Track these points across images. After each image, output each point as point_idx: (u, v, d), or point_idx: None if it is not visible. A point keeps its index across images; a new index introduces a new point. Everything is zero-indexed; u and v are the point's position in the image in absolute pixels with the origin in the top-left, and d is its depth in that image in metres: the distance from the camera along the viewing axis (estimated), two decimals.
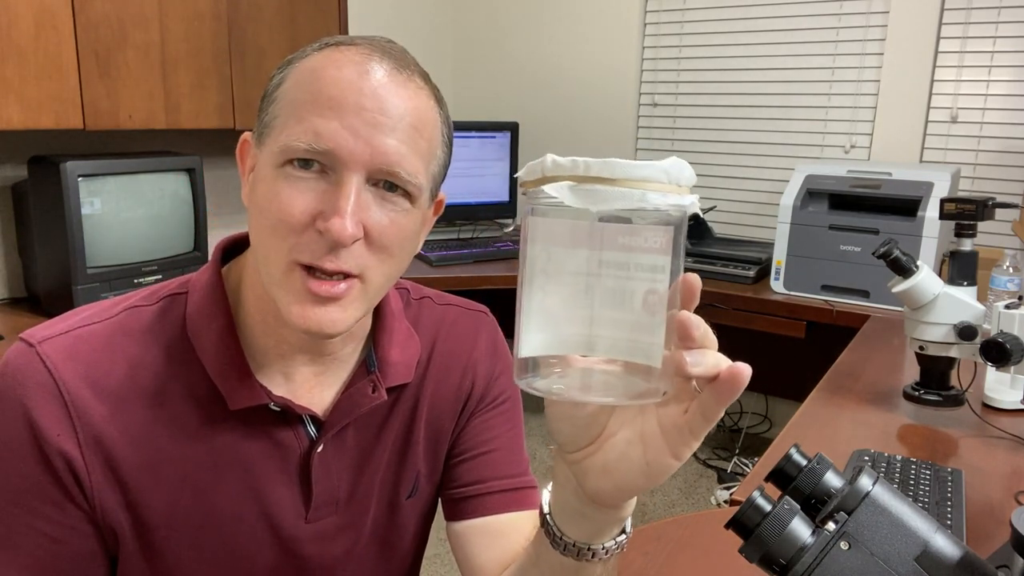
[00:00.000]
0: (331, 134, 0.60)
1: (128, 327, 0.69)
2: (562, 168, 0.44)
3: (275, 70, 0.67)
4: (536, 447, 3.12)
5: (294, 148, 0.61)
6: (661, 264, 0.44)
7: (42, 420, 0.64)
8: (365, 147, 0.61)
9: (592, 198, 0.43)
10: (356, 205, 0.61)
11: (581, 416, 0.51)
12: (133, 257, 2.08)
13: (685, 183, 0.44)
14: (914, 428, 1.40)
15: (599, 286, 0.44)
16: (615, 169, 0.43)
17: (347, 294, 0.63)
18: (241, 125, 2.38)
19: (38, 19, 1.88)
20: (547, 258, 0.45)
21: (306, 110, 0.61)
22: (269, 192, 0.62)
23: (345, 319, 0.64)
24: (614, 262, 0.44)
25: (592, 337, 0.44)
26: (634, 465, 0.50)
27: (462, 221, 3.18)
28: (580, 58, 3.38)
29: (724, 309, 2.55)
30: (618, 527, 0.59)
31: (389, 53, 0.65)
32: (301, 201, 0.61)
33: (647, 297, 0.44)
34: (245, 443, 0.70)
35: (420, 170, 0.64)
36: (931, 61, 2.68)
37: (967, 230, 1.40)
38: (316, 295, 0.62)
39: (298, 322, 0.62)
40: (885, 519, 0.49)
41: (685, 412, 0.48)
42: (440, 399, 0.81)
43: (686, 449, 0.49)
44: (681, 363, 0.44)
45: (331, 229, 0.59)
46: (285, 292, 0.63)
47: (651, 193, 0.43)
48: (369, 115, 0.61)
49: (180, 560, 0.70)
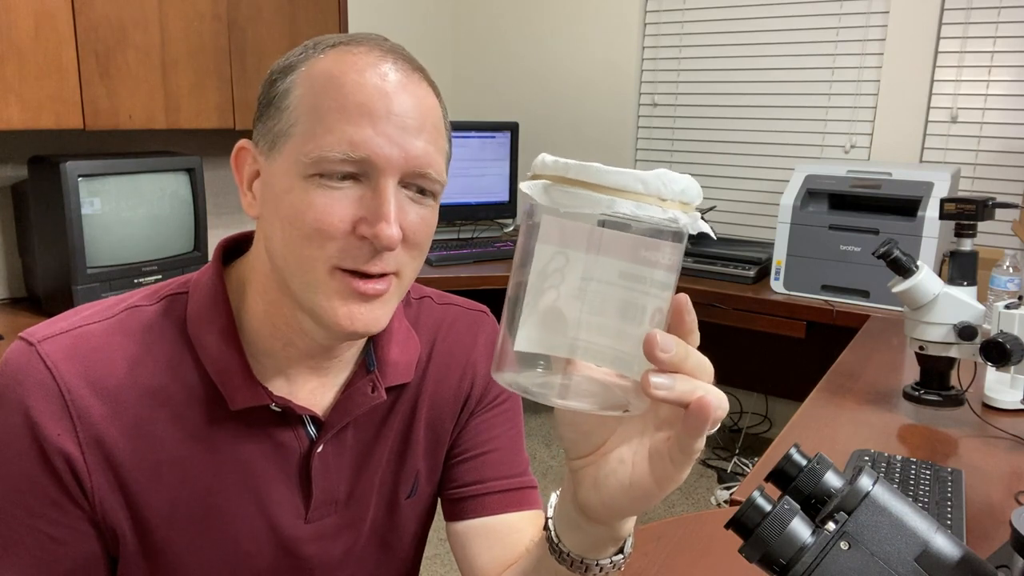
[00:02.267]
0: (366, 142, 0.60)
1: (128, 327, 0.69)
2: (547, 167, 0.45)
3: (272, 74, 0.66)
4: (536, 447, 3.12)
5: (330, 158, 0.61)
6: (659, 279, 0.44)
7: (42, 420, 0.64)
8: (400, 152, 0.61)
9: (562, 199, 0.43)
10: (398, 210, 0.62)
11: (582, 423, 0.51)
12: (133, 257, 2.08)
13: (672, 197, 0.43)
14: (914, 428, 1.40)
15: (597, 293, 0.44)
16: (590, 173, 0.43)
17: (387, 291, 0.65)
18: (241, 125, 2.38)
19: (38, 19, 1.88)
20: (552, 258, 0.45)
21: (334, 118, 0.61)
22: (301, 203, 0.62)
23: (386, 315, 0.66)
24: (617, 271, 0.44)
25: (581, 342, 0.44)
26: (619, 483, 0.50)
27: (462, 221, 3.18)
28: (580, 58, 3.38)
29: (724, 309, 2.55)
30: (615, 547, 0.58)
31: (396, 52, 0.65)
32: (340, 209, 0.61)
33: (636, 309, 0.44)
34: (245, 443, 0.70)
35: (443, 168, 0.67)
36: (931, 61, 2.68)
37: (967, 230, 1.40)
38: (363, 294, 0.63)
39: (344, 324, 0.63)
40: (885, 519, 0.49)
41: (668, 439, 0.48)
42: (440, 399, 0.81)
43: (667, 481, 0.48)
44: (644, 383, 0.43)
45: (380, 236, 0.60)
46: (327, 297, 0.63)
47: (621, 200, 0.42)
48: (399, 120, 0.62)
49: (180, 560, 0.70)
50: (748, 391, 3.26)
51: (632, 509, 0.52)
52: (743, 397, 3.28)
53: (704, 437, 0.45)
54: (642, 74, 3.29)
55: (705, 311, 2.55)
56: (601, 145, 3.37)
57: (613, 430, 0.51)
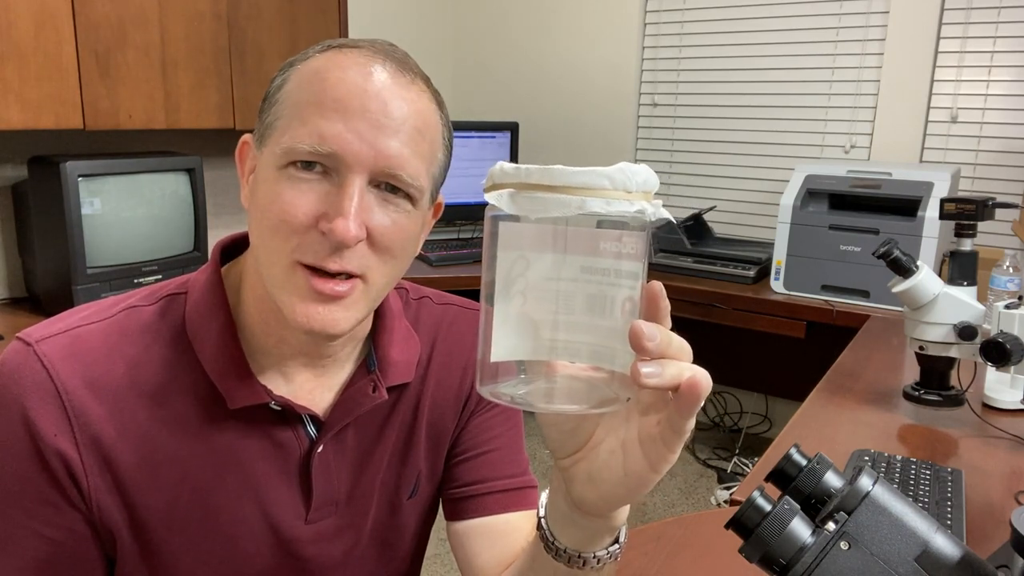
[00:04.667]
0: (335, 136, 0.60)
1: (127, 327, 0.69)
2: (508, 175, 0.44)
3: (277, 72, 0.67)
4: (536, 447, 3.12)
5: (298, 150, 0.61)
6: (626, 269, 0.44)
7: (39, 420, 0.63)
8: (369, 150, 0.61)
9: (531, 206, 0.43)
10: (359, 207, 0.61)
11: (566, 423, 0.51)
12: (133, 257, 2.08)
13: (636, 188, 0.43)
14: (914, 428, 1.40)
15: (564, 291, 0.44)
16: (554, 176, 0.43)
17: (350, 294, 0.63)
18: (241, 125, 2.38)
19: (38, 19, 1.88)
20: (514, 263, 0.44)
21: (309, 112, 0.61)
22: (271, 193, 0.62)
23: (348, 319, 0.64)
24: (579, 267, 0.43)
25: (557, 343, 0.44)
26: (615, 475, 0.50)
27: (462, 221, 3.18)
28: (580, 58, 3.38)
29: (724, 309, 2.55)
30: (610, 537, 0.58)
31: (392, 56, 0.65)
32: (304, 202, 0.61)
33: (609, 302, 0.44)
34: (245, 443, 0.70)
35: (422, 172, 0.65)
36: (931, 61, 2.68)
37: (967, 230, 1.40)
38: (320, 293, 0.62)
39: (302, 321, 0.62)
40: (885, 519, 0.49)
41: (658, 423, 0.48)
42: (441, 398, 0.80)
43: (663, 463, 0.48)
44: (635, 374, 0.43)
45: (335, 230, 0.59)
46: (288, 292, 0.63)
47: (591, 199, 0.42)
48: (373, 117, 0.61)
49: (178, 561, 0.70)
50: (748, 391, 3.26)
51: (629, 497, 0.52)
52: (743, 397, 3.28)
53: (695, 415, 0.46)
54: (642, 74, 3.29)
55: (705, 311, 2.55)
56: (601, 145, 3.37)
57: (597, 423, 0.51)
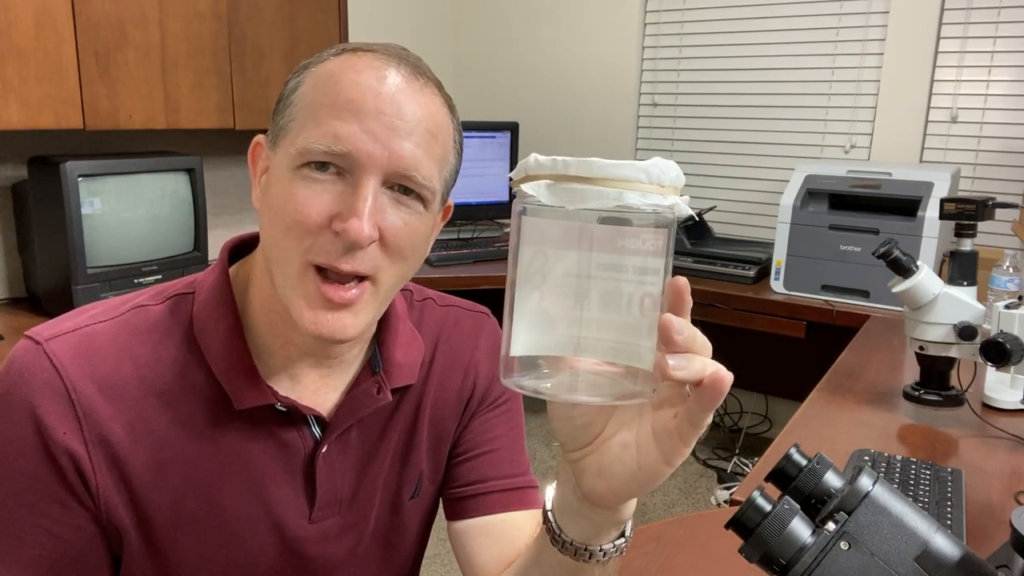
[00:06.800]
0: (349, 137, 0.60)
1: (135, 326, 0.69)
2: (543, 167, 0.45)
3: (291, 75, 0.67)
4: (536, 447, 3.12)
5: (312, 150, 0.61)
6: (650, 266, 0.44)
7: (48, 419, 0.64)
8: (383, 151, 0.61)
9: (569, 196, 0.43)
10: (373, 207, 0.61)
11: (579, 416, 0.51)
12: (133, 257, 2.08)
13: (669, 184, 0.44)
14: (914, 428, 1.40)
15: (589, 288, 0.44)
16: (592, 168, 0.43)
17: (359, 299, 0.64)
18: (241, 125, 2.38)
19: (38, 19, 1.88)
20: (539, 259, 0.45)
21: (324, 113, 0.62)
22: (284, 193, 0.62)
23: (356, 325, 0.64)
24: (604, 264, 0.44)
25: (581, 339, 0.44)
26: (627, 468, 0.50)
27: (462, 221, 3.18)
28: (580, 58, 3.38)
29: (724, 309, 2.55)
30: (617, 530, 0.59)
31: (405, 60, 0.65)
32: (318, 202, 0.61)
33: (634, 299, 0.44)
34: (250, 443, 0.70)
35: (434, 175, 0.66)
36: (931, 61, 2.68)
37: (967, 230, 1.40)
38: (329, 301, 0.62)
39: (310, 328, 0.63)
40: (885, 519, 0.49)
41: (675, 417, 0.48)
42: (443, 400, 0.81)
43: (677, 456, 0.49)
44: (663, 367, 0.44)
45: (349, 230, 0.60)
46: (298, 296, 0.63)
47: (628, 192, 0.43)
48: (387, 119, 0.61)
49: (184, 559, 0.70)
50: (748, 391, 3.26)
51: (640, 490, 0.52)
52: (743, 397, 3.28)
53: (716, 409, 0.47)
54: (642, 74, 3.29)
55: (705, 311, 2.55)
56: (601, 145, 3.37)
57: (609, 418, 0.51)
